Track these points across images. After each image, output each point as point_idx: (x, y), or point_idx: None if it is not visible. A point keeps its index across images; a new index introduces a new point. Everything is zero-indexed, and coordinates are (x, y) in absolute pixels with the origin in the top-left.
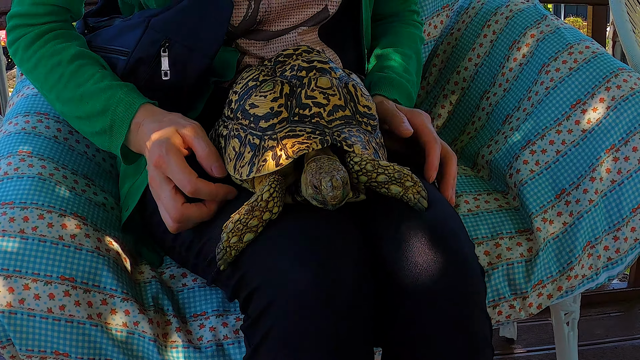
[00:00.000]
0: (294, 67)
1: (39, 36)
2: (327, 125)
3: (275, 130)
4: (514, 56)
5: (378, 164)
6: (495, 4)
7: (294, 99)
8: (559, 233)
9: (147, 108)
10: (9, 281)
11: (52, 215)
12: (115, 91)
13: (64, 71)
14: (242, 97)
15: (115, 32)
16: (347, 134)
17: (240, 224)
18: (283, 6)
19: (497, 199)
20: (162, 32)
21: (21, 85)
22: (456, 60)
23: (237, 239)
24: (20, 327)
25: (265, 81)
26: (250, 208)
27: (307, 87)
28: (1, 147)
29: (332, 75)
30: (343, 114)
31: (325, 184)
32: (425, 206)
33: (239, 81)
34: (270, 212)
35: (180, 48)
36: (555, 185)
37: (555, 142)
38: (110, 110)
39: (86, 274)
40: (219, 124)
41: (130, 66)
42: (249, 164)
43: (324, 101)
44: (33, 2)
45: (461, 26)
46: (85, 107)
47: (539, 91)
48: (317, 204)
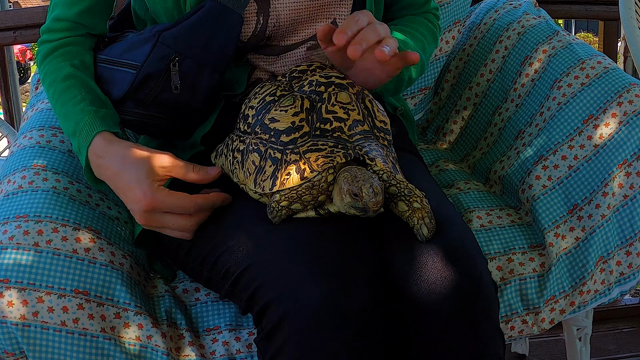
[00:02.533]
0: (312, 82)
1: (50, 51)
2: (348, 139)
3: (297, 144)
4: (526, 72)
5: (394, 176)
6: (507, 19)
7: (314, 114)
8: (572, 248)
9: (104, 137)
10: (23, 294)
11: (66, 229)
12: (83, 116)
13: (56, 89)
14: (259, 111)
15: (126, 46)
16: (368, 147)
17: (295, 193)
18: (292, 21)
19: (510, 214)
20: (172, 47)
21: (35, 100)
22: (468, 75)
23: (288, 204)
24: (33, 340)
25: (283, 96)
26: (311, 185)
27: (327, 102)
28: (16, 161)
29: (350, 91)
30: (362, 128)
31: (367, 190)
32: (426, 235)
33: (255, 96)
34: (327, 195)
35: (190, 63)
36: (568, 201)
37: (568, 157)
38: (76, 134)
39: (100, 288)
40: (233, 138)
41: (138, 80)
42: (272, 177)
43: (344, 116)
44: (54, 17)
45: (473, 42)
46: (65, 126)
47: (551, 106)
48: (355, 212)
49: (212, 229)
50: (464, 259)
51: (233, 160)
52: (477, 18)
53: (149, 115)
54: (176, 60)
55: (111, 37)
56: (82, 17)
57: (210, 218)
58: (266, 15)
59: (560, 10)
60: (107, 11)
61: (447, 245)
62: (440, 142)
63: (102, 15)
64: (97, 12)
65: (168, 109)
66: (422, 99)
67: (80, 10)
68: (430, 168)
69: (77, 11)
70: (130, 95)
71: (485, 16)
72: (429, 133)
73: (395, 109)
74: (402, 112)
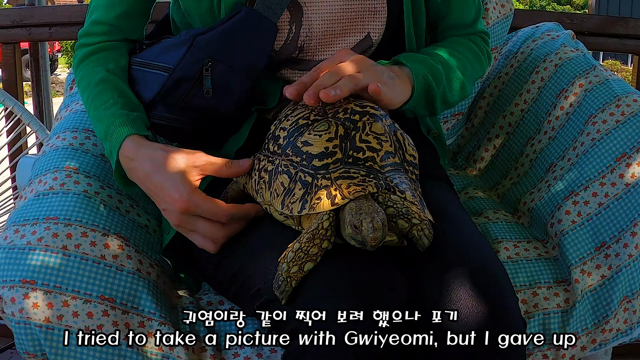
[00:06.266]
0: (347, 110)
1: (86, 56)
2: (380, 170)
3: (329, 170)
4: (561, 104)
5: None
6: (545, 50)
7: (348, 142)
8: (597, 286)
9: (134, 140)
10: (48, 296)
11: (95, 234)
12: (114, 119)
13: (90, 92)
14: (292, 134)
15: (160, 49)
16: (398, 180)
17: (302, 252)
18: (324, 32)
19: (537, 247)
20: (206, 51)
21: (70, 100)
22: (502, 104)
23: (298, 269)
24: (56, 343)
25: (317, 120)
26: (312, 236)
27: (361, 131)
28: (48, 161)
29: (384, 122)
30: (393, 160)
31: (367, 224)
32: (426, 244)
33: (287, 118)
34: (329, 240)
35: (222, 68)
36: (596, 238)
37: (599, 194)
38: (107, 137)
39: (126, 295)
40: (260, 158)
41: (170, 83)
42: (301, 200)
43: (377, 146)
44: (92, 21)
45: (509, 70)
46: (97, 130)
47: (584, 142)
48: (355, 244)
49: (243, 245)
50: (497, 295)
51: (259, 180)
52: (514, 46)
53: (179, 120)
54: (209, 64)
55: (148, 43)
56: (120, 21)
57: (241, 233)
58: (299, 24)
59: (596, 42)
60: (144, 16)
61: (480, 279)
62: (470, 168)
63: (140, 20)
64: (135, 17)
65: (199, 115)
66: (454, 124)
67: (119, 14)
68: (460, 194)
69: (116, 14)
70: (162, 98)
71: (522, 45)
72: (460, 159)
73: (429, 131)
74: (435, 135)
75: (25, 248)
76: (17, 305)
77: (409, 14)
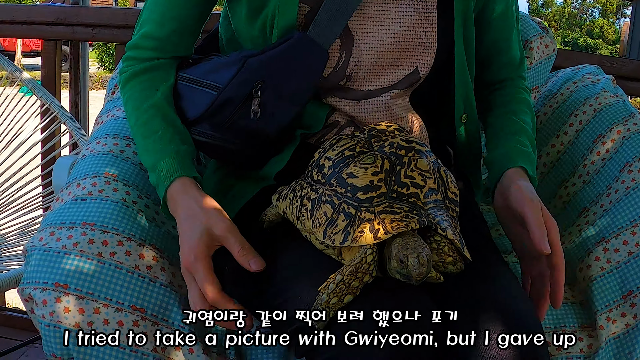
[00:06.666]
0: (393, 144)
1: (136, 74)
2: (423, 206)
3: (373, 203)
4: (598, 150)
5: (453, 248)
6: (585, 94)
7: (393, 176)
8: (621, 333)
9: (182, 182)
10: (80, 302)
11: (131, 244)
12: (163, 156)
13: (138, 118)
14: (337, 164)
15: (211, 67)
16: (440, 217)
17: (343, 285)
18: (373, 63)
19: (564, 291)
20: (257, 73)
21: (111, 105)
22: (539, 144)
23: (337, 300)
24: (84, 349)
25: (363, 153)
26: (354, 269)
27: (406, 167)
28: (87, 166)
29: (428, 159)
30: (436, 197)
31: (413, 260)
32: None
33: (333, 148)
34: (370, 275)
35: (272, 92)
36: (623, 286)
37: (629, 242)
38: (156, 172)
39: (157, 307)
40: (303, 185)
41: (218, 102)
42: (343, 232)
43: (421, 183)
44: (142, 34)
45: (547, 110)
46: (144, 159)
47: (619, 189)
48: (400, 278)
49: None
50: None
51: (301, 207)
52: (554, 87)
53: (223, 139)
54: (259, 87)
55: (196, 59)
56: (172, 38)
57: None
58: (349, 52)
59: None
60: (195, 34)
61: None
62: None
63: (191, 38)
64: (186, 34)
65: (243, 135)
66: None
67: (171, 31)
68: (490, 230)
69: (168, 31)
70: (208, 117)
71: (562, 86)
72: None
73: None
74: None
75: (60, 252)
76: (48, 308)
77: (461, 50)
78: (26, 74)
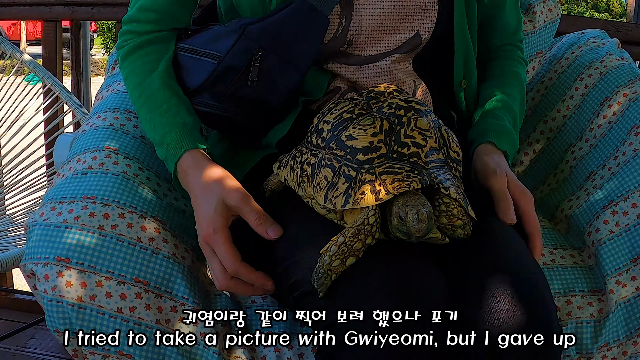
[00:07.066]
0: (392, 104)
1: (135, 49)
2: (424, 166)
3: (374, 164)
4: (604, 113)
5: (462, 211)
6: (590, 57)
7: (393, 136)
8: (631, 297)
9: (192, 155)
10: (82, 275)
11: (132, 216)
12: (170, 129)
13: (142, 92)
14: (336, 127)
15: (210, 37)
16: (442, 176)
17: (345, 247)
18: (374, 27)
19: (573, 255)
20: (257, 41)
21: (111, 80)
22: (544, 109)
23: (340, 262)
24: (87, 323)
25: (362, 115)
26: (357, 231)
27: (406, 126)
28: (87, 140)
29: (428, 118)
30: (438, 157)
31: (412, 216)
32: (461, 236)
33: (331, 112)
34: (373, 236)
35: (272, 59)
36: (633, 249)
37: (638, 205)
38: (164, 145)
39: (160, 279)
40: (303, 151)
41: (219, 71)
42: (344, 195)
43: (422, 142)
44: (140, 7)
45: (552, 75)
46: (150, 133)
47: (626, 152)
48: (401, 236)
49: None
50: (536, 304)
51: (301, 173)
52: (558, 51)
53: (225, 108)
54: (259, 54)
55: (195, 30)
56: (170, 8)
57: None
58: (349, 18)
59: None
60: (193, 3)
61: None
62: None
63: (189, 8)
64: (184, 4)
65: (245, 104)
66: None
67: (169, 1)
68: None
69: (166, 2)
70: (209, 86)
71: (567, 51)
72: None
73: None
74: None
75: (61, 226)
76: (50, 283)
77: (462, 13)
78: (27, 56)
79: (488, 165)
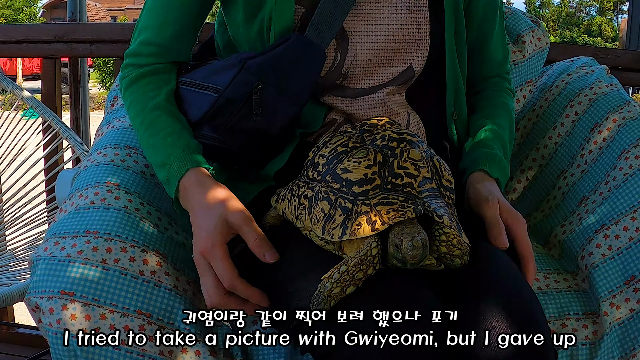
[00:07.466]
0: (385, 137)
1: (137, 79)
2: (418, 195)
3: (369, 196)
4: (595, 139)
5: (462, 241)
6: (580, 85)
7: (386, 168)
8: (625, 319)
9: (195, 173)
10: (86, 308)
11: (134, 250)
12: (174, 149)
13: (144, 119)
14: (331, 161)
15: (210, 70)
16: (436, 205)
17: (347, 275)
18: (369, 61)
19: (567, 280)
20: (256, 74)
21: (111, 117)
22: (536, 136)
23: (340, 290)
24: (92, 355)
25: (356, 148)
26: (359, 261)
27: (399, 158)
28: (89, 176)
29: (420, 148)
30: (431, 186)
31: (407, 243)
32: (457, 265)
33: (326, 145)
34: (374, 267)
35: (271, 92)
36: (626, 272)
37: (630, 228)
38: (167, 166)
39: (162, 311)
40: (299, 185)
41: (219, 104)
42: (341, 226)
43: (415, 172)
44: (141, 41)
45: (543, 103)
46: (153, 157)
47: (617, 176)
48: (397, 263)
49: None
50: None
51: (299, 206)
52: (549, 79)
53: (224, 140)
54: (259, 87)
55: (195, 64)
56: (171, 42)
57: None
58: (344, 52)
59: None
60: (193, 38)
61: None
62: None
63: (189, 42)
64: (185, 39)
65: (244, 136)
66: None
67: (170, 35)
68: None
69: (167, 36)
70: (209, 118)
71: (557, 79)
72: None
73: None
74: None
75: (65, 260)
76: (55, 316)
77: (452, 46)
78: (26, 92)
79: (480, 193)
